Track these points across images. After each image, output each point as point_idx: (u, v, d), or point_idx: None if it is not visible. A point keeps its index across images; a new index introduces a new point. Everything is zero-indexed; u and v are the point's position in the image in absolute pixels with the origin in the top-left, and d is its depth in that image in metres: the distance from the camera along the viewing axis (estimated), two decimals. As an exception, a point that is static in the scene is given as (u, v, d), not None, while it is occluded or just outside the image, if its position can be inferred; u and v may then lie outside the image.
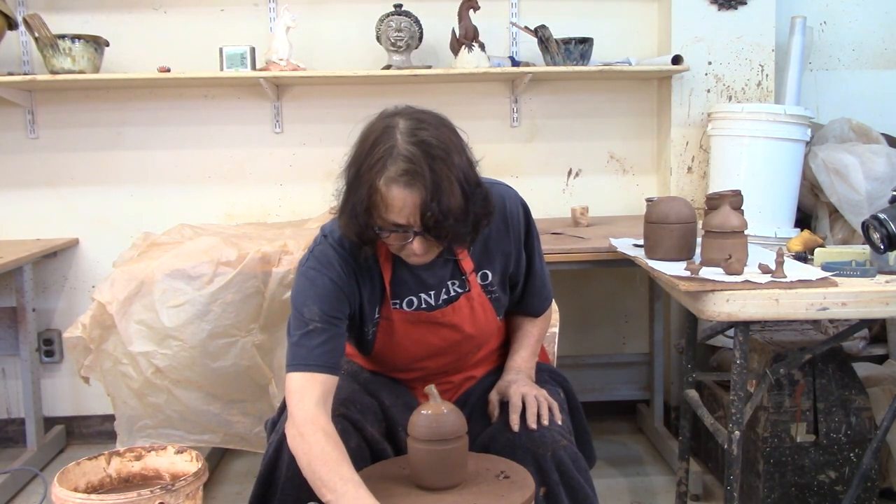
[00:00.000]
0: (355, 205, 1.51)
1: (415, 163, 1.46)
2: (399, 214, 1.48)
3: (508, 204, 1.74)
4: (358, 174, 1.51)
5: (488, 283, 1.75)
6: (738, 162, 2.83)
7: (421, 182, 1.45)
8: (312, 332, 1.58)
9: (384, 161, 1.47)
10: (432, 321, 1.71)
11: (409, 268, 1.67)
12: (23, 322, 3.05)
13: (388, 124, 1.52)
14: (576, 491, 1.59)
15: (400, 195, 1.47)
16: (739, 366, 1.97)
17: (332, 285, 1.61)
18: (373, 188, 1.48)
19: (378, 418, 1.71)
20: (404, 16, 3.06)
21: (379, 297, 1.69)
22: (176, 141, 3.26)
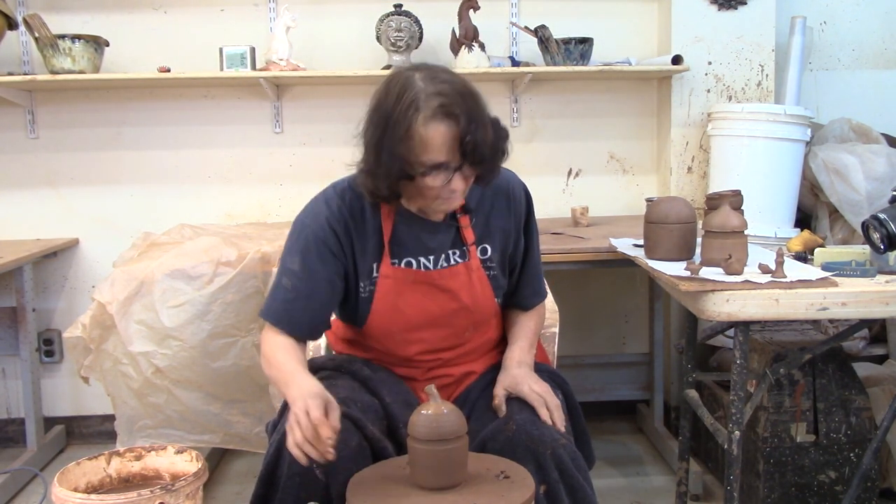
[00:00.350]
0: (389, 153, 1.56)
1: (448, 98, 1.54)
2: (439, 151, 1.55)
3: (513, 185, 1.83)
4: (388, 123, 1.56)
5: (487, 258, 1.79)
6: (738, 162, 2.83)
7: (458, 114, 1.54)
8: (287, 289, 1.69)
9: (416, 104, 1.54)
10: (430, 282, 1.73)
11: (410, 229, 1.73)
12: (23, 322, 3.05)
13: (406, 76, 1.59)
14: (575, 489, 1.59)
15: (440, 130, 1.54)
16: (739, 366, 1.97)
17: (315, 238, 1.68)
18: (409, 131, 1.54)
19: (379, 416, 1.71)
20: (404, 16, 3.07)
21: (377, 253, 1.72)
22: (176, 141, 3.26)
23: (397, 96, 1.56)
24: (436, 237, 1.74)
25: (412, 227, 1.73)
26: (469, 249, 1.76)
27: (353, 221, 1.71)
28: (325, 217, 1.70)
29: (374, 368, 1.82)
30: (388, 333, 1.77)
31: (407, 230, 1.73)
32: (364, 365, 1.81)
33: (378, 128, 1.58)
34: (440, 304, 1.76)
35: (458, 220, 1.76)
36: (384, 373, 1.82)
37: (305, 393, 1.53)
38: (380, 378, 1.79)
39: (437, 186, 1.59)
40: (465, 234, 1.76)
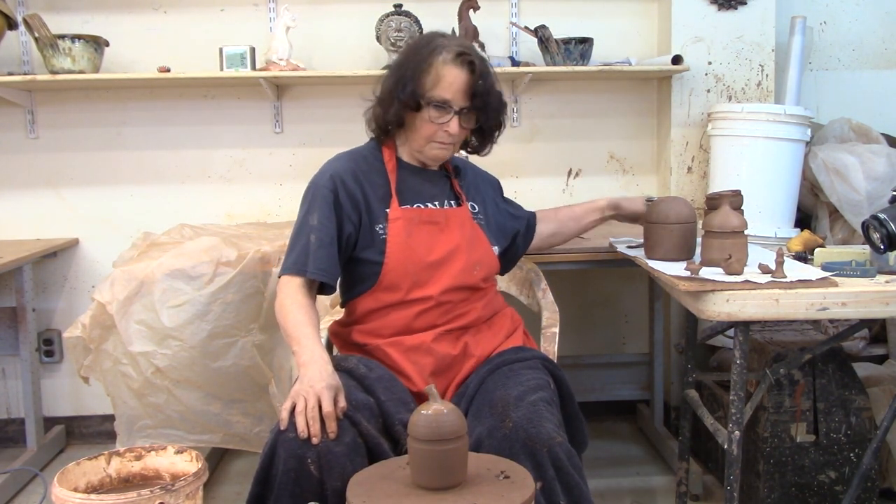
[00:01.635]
0: (407, 83, 1.83)
1: (469, 48, 1.86)
2: (448, 90, 1.83)
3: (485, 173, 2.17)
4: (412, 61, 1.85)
5: (476, 212, 2.03)
6: (738, 162, 2.83)
7: (476, 63, 1.84)
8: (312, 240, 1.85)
9: (440, 48, 1.84)
10: (432, 220, 1.92)
11: (412, 178, 1.96)
12: (23, 322, 3.05)
13: (434, 33, 1.92)
14: (571, 487, 1.61)
15: (454, 72, 1.83)
16: (739, 366, 1.97)
17: (325, 193, 1.88)
18: (430, 66, 1.83)
19: (374, 414, 1.72)
20: (404, 16, 3.07)
21: (387, 198, 1.91)
22: (176, 141, 3.26)
23: (425, 43, 1.87)
24: (435, 185, 1.99)
25: (413, 177, 1.97)
26: (461, 202, 2.01)
27: (359, 172, 1.92)
28: (332, 172, 1.91)
29: (371, 366, 1.83)
30: (405, 274, 1.87)
31: (409, 179, 1.96)
32: (360, 363, 1.83)
33: (402, 62, 1.88)
34: (446, 241, 1.90)
35: (450, 176, 2.03)
36: (380, 371, 1.83)
37: (319, 380, 1.64)
38: (375, 376, 1.81)
39: (434, 122, 1.85)
40: (456, 188, 2.02)
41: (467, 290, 1.92)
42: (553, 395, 1.79)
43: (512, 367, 1.83)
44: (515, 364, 1.84)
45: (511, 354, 1.89)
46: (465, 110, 1.87)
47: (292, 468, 1.58)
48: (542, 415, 1.66)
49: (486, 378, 1.82)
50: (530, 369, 1.83)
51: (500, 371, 1.82)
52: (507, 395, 1.71)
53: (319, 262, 1.84)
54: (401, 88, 1.84)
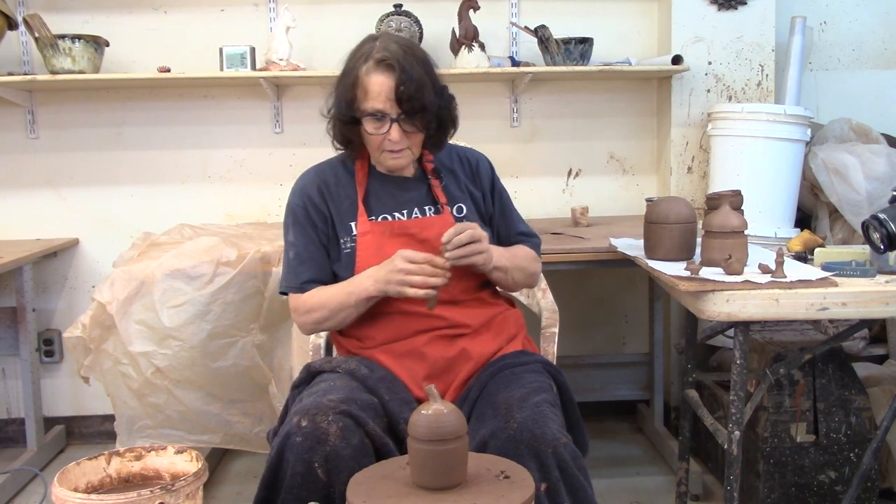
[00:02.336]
0: (341, 98, 1.82)
1: (390, 53, 1.77)
2: (377, 99, 1.76)
3: (476, 156, 2.03)
4: (344, 73, 1.82)
5: (463, 216, 1.94)
6: (738, 162, 2.83)
7: (396, 67, 1.75)
8: (292, 258, 1.89)
9: (366, 56, 1.79)
10: (406, 231, 1.87)
11: (382, 187, 1.91)
12: (23, 322, 3.05)
13: (370, 36, 1.86)
14: (576, 488, 1.60)
15: (378, 79, 1.76)
16: (739, 366, 1.97)
17: (297, 209, 1.91)
18: (356, 78, 1.78)
19: (379, 414, 1.72)
20: (404, 16, 3.07)
21: (353, 212, 1.89)
22: (176, 141, 3.26)
23: (355, 50, 1.83)
24: (408, 193, 1.91)
25: (385, 185, 1.91)
26: (442, 207, 1.91)
27: (326, 186, 1.92)
28: (301, 188, 1.94)
29: (372, 368, 1.83)
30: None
31: (380, 188, 1.91)
32: (361, 364, 1.82)
33: (339, 78, 1.85)
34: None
35: (429, 180, 1.93)
36: (382, 371, 1.83)
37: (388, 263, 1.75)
38: (377, 377, 1.80)
39: (376, 134, 1.79)
40: (437, 194, 1.93)
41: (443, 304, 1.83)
42: (556, 398, 1.79)
43: (514, 370, 1.83)
44: (517, 368, 1.83)
45: (512, 358, 1.88)
46: (402, 115, 1.78)
47: (300, 472, 1.58)
48: (546, 415, 1.66)
49: (487, 382, 1.81)
50: (532, 373, 1.82)
51: (502, 374, 1.82)
52: (510, 396, 1.70)
53: (302, 275, 1.88)
54: (337, 107, 1.85)
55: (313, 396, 1.70)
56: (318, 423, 1.60)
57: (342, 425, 1.61)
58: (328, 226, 1.90)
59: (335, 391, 1.70)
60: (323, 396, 1.68)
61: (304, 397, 1.73)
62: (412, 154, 1.87)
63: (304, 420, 1.61)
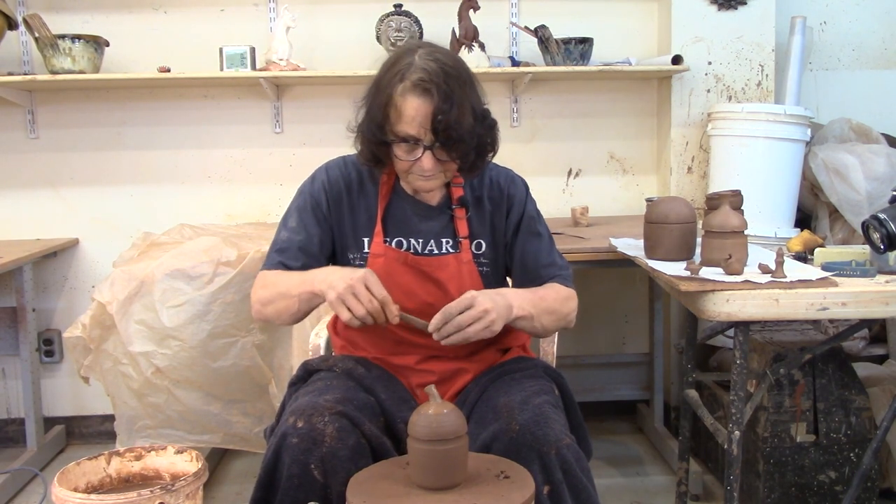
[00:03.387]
0: (372, 117, 1.65)
1: (430, 75, 1.60)
2: (411, 124, 1.61)
3: (514, 185, 1.87)
4: (377, 89, 1.65)
5: (481, 253, 1.82)
6: (738, 162, 2.83)
7: (434, 92, 1.59)
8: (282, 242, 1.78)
9: (402, 73, 1.62)
10: (418, 267, 1.77)
11: (403, 209, 1.79)
12: (23, 322, 3.05)
13: (408, 48, 1.69)
14: (579, 490, 1.59)
15: (413, 104, 1.60)
16: (739, 366, 1.97)
17: (310, 199, 1.79)
18: (389, 98, 1.62)
19: (376, 413, 1.71)
20: (404, 16, 3.07)
21: (370, 228, 1.78)
22: (176, 141, 3.26)
23: (392, 64, 1.66)
24: (428, 222, 1.80)
25: (406, 207, 1.79)
26: (461, 242, 1.80)
27: (347, 192, 1.80)
28: (321, 182, 1.81)
29: (369, 367, 1.82)
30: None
31: (400, 209, 1.79)
32: (358, 363, 1.82)
33: (370, 91, 1.68)
34: (428, 292, 1.78)
35: (454, 211, 1.80)
36: (379, 370, 1.83)
37: (353, 273, 1.57)
38: (375, 376, 1.79)
39: (405, 159, 1.65)
40: (458, 226, 1.80)
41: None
42: (557, 400, 1.77)
43: (514, 375, 1.81)
44: (517, 373, 1.82)
45: (512, 364, 1.86)
46: (436, 144, 1.63)
47: (296, 473, 1.57)
48: (548, 416, 1.65)
49: (487, 386, 1.79)
50: (533, 378, 1.81)
51: (502, 379, 1.80)
52: (511, 400, 1.69)
53: (286, 261, 1.77)
54: (367, 125, 1.67)
55: (309, 396, 1.69)
56: (315, 424, 1.59)
57: (338, 426, 1.60)
58: (333, 230, 1.81)
59: (331, 391, 1.69)
60: (319, 396, 1.67)
61: (301, 396, 1.72)
62: (445, 178, 1.72)
63: (301, 421, 1.60)
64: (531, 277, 1.85)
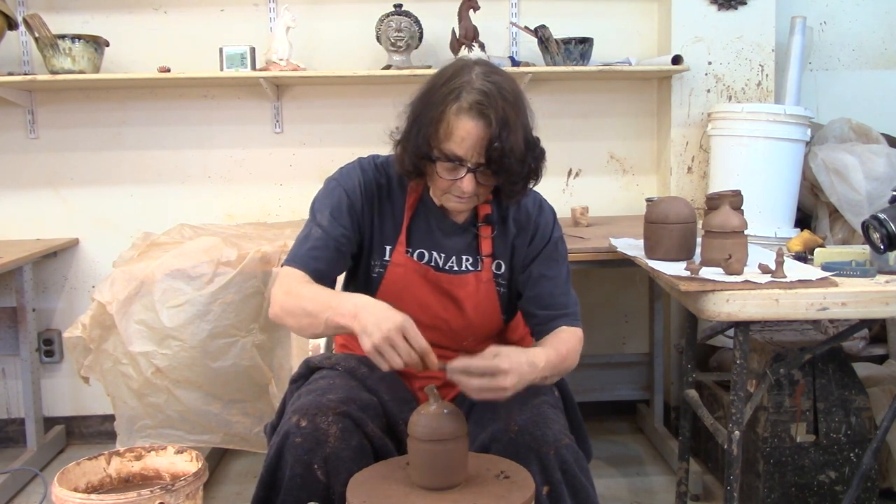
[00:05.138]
0: (420, 129, 1.59)
1: (489, 97, 1.55)
2: (461, 145, 1.56)
3: (545, 214, 1.81)
4: (429, 101, 1.59)
5: (500, 273, 1.79)
6: (738, 162, 2.83)
7: (492, 117, 1.54)
8: (316, 238, 1.68)
9: (458, 91, 1.56)
10: (437, 283, 1.75)
11: (428, 221, 1.75)
12: (23, 322, 3.05)
13: (465, 64, 1.63)
14: (578, 490, 1.59)
15: (467, 126, 1.55)
16: (739, 366, 1.97)
17: (346, 197, 1.71)
18: (442, 115, 1.56)
19: (378, 414, 1.71)
20: (404, 16, 3.06)
21: (393, 236, 1.75)
22: (176, 141, 3.26)
23: (448, 78, 1.60)
24: (451, 238, 1.77)
25: (431, 219, 1.76)
26: (483, 261, 1.77)
27: (378, 195, 1.75)
28: (358, 180, 1.74)
29: (371, 366, 1.81)
30: None
31: (425, 221, 1.76)
32: (361, 363, 1.81)
33: (420, 102, 1.62)
34: (444, 307, 1.77)
35: (479, 229, 1.77)
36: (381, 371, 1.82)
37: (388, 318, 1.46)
38: (377, 376, 1.79)
39: (446, 178, 1.61)
40: (482, 244, 1.77)
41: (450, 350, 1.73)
42: (557, 401, 1.78)
43: None
44: None
45: None
46: (481, 167, 1.59)
47: (299, 473, 1.57)
48: (547, 416, 1.65)
49: None
50: None
51: None
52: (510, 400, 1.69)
53: (318, 261, 1.68)
54: (415, 134, 1.60)
55: (312, 395, 1.69)
56: (318, 424, 1.59)
57: (342, 426, 1.60)
58: (363, 231, 1.75)
59: (334, 390, 1.69)
60: (322, 396, 1.67)
61: (303, 395, 1.72)
62: (477, 201, 1.69)
63: (304, 420, 1.60)
64: (543, 306, 1.78)
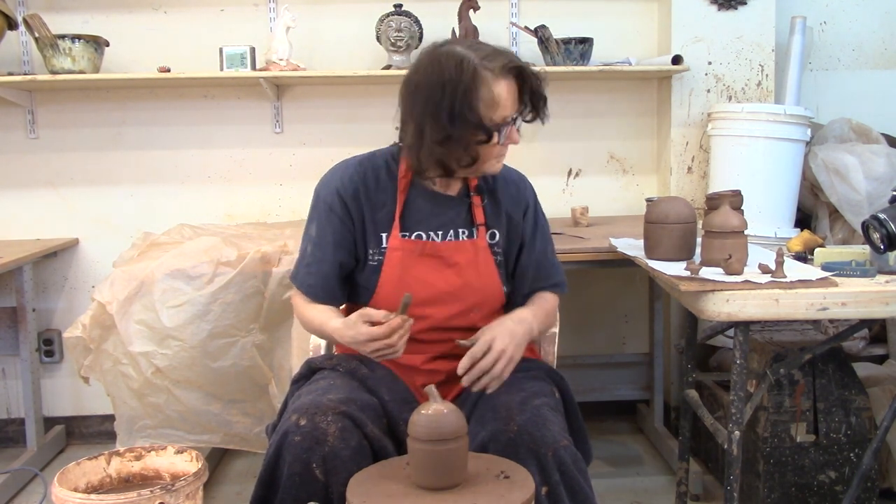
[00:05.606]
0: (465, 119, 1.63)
1: (502, 54, 1.68)
2: (507, 106, 1.68)
3: (521, 178, 1.96)
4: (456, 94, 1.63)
5: (495, 242, 1.86)
6: (738, 162, 2.83)
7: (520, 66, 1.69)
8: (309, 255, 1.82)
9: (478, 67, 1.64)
10: (437, 255, 1.80)
11: (422, 203, 1.82)
12: (23, 322, 3.05)
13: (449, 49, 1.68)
14: (576, 491, 1.60)
15: (504, 87, 1.66)
16: (739, 366, 1.97)
17: (327, 206, 1.80)
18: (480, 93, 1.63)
19: (378, 415, 1.71)
20: (404, 16, 3.07)
21: (387, 223, 1.81)
22: (176, 141, 3.26)
23: (457, 65, 1.64)
24: (447, 212, 1.83)
25: (425, 201, 1.82)
26: (478, 230, 1.84)
27: (364, 189, 1.80)
28: (336, 185, 1.81)
29: (372, 367, 1.82)
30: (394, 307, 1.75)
31: (420, 204, 1.82)
32: (362, 363, 1.82)
33: (444, 97, 1.64)
34: (446, 280, 1.80)
35: (471, 198, 1.85)
36: (382, 371, 1.83)
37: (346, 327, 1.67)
38: (378, 377, 1.79)
39: (499, 143, 1.71)
40: (475, 213, 1.84)
41: (459, 330, 1.80)
42: (557, 403, 1.78)
43: (515, 375, 1.81)
44: (519, 373, 1.82)
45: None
46: (518, 116, 1.74)
47: (297, 472, 1.57)
48: (546, 418, 1.65)
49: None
50: (534, 379, 1.81)
51: None
52: (510, 399, 1.70)
53: (309, 277, 1.83)
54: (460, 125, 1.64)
55: (313, 395, 1.69)
56: (318, 423, 1.60)
57: (341, 426, 1.60)
58: (354, 229, 1.81)
59: (335, 390, 1.70)
60: (323, 395, 1.67)
61: (304, 394, 1.72)
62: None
63: (303, 419, 1.61)
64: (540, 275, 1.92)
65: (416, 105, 1.68)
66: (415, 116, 1.69)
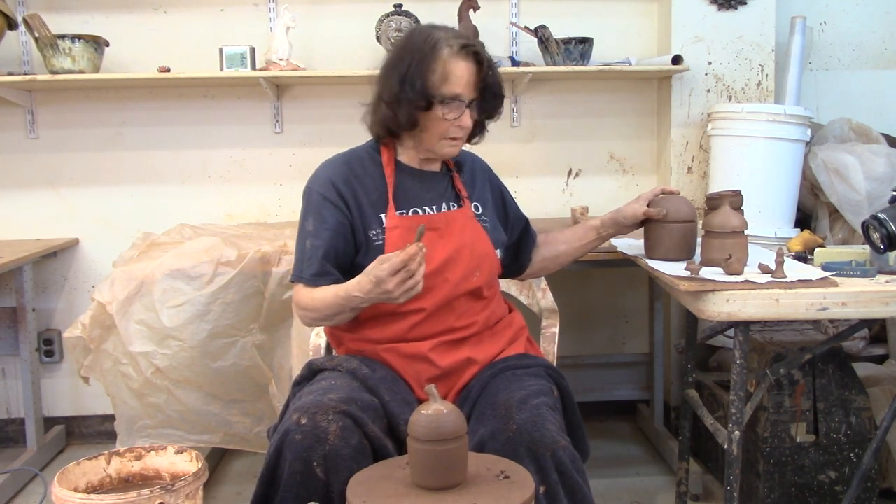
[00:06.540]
0: (414, 82, 1.77)
1: (470, 41, 1.82)
2: (458, 84, 1.79)
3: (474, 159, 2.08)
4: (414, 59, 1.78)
5: (480, 213, 1.98)
6: (738, 162, 2.83)
7: (482, 55, 1.82)
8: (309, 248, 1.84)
9: (441, 41, 1.79)
10: (433, 227, 1.85)
11: (410, 181, 1.91)
12: (23, 322, 3.05)
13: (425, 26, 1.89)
14: (574, 491, 1.60)
15: (461, 66, 1.79)
16: (739, 366, 1.97)
17: (321, 195, 1.86)
18: (434, 60, 1.77)
19: (379, 415, 1.72)
20: (404, 16, 3.07)
21: (383, 203, 1.87)
22: (176, 141, 3.26)
23: (424, 38, 1.80)
24: (435, 187, 1.93)
25: (412, 179, 1.92)
26: (463, 201, 1.95)
27: (354, 177, 1.88)
28: (327, 175, 1.88)
29: (373, 367, 1.82)
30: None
31: (409, 183, 1.91)
32: (363, 364, 1.82)
33: (400, 60, 1.81)
34: (446, 248, 1.85)
35: (452, 174, 1.98)
36: (384, 371, 1.83)
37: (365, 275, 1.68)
38: (379, 377, 1.80)
39: (448, 119, 1.80)
40: (458, 187, 1.97)
41: (467, 297, 1.88)
42: (556, 402, 1.79)
43: (515, 372, 1.83)
44: (519, 370, 1.83)
45: (515, 360, 1.88)
46: (473, 102, 1.83)
47: (298, 470, 1.58)
48: (545, 418, 1.66)
49: (488, 382, 1.81)
50: (534, 376, 1.82)
51: (504, 375, 1.82)
52: (510, 398, 1.70)
53: (313, 268, 1.82)
54: (409, 89, 1.78)
55: (314, 395, 1.70)
56: (318, 422, 1.60)
57: (342, 425, 1.61)
58: (351, 214, 1.85)
59: (336, 390, 1.70)
60: (323, 395, 1.68)
61: (305, 395, 1.73)
62: (465, 140, 1.91)
63: (304, 418, 1.61)
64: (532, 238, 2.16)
65: (382, 69, 1.86)
66: (378, 79, 1.86)
